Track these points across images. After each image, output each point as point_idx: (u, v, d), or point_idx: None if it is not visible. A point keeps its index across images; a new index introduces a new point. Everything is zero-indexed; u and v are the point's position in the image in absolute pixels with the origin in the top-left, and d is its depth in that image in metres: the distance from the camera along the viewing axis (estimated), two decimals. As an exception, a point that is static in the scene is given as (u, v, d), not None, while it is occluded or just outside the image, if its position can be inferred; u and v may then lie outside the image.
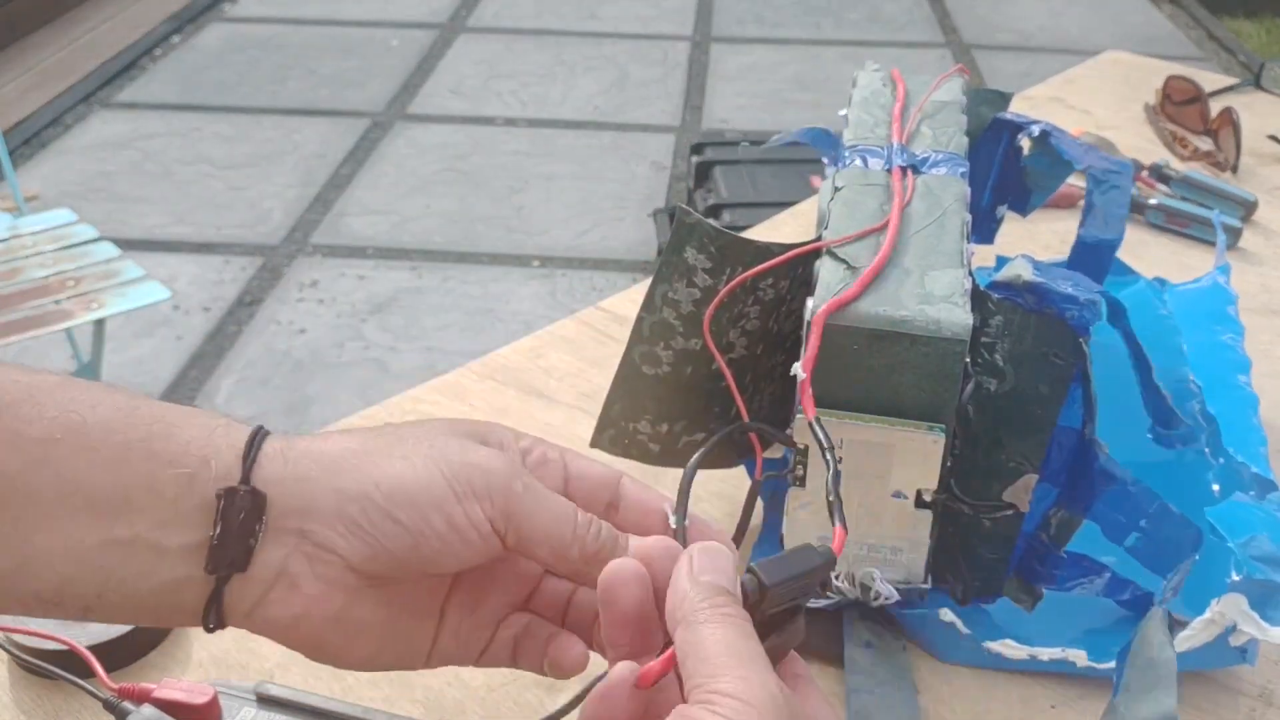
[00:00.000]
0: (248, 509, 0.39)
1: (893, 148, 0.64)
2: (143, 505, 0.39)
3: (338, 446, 0.41)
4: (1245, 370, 0.69)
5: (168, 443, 0.39)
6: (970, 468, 0.56)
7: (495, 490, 0.41)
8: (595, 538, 0.42)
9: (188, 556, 0.39)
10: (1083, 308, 0.53)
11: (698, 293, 0.57)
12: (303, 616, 0.40)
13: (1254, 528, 0.56)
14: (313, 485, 0.40)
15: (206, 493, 0.39)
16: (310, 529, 0.40)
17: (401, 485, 0.40)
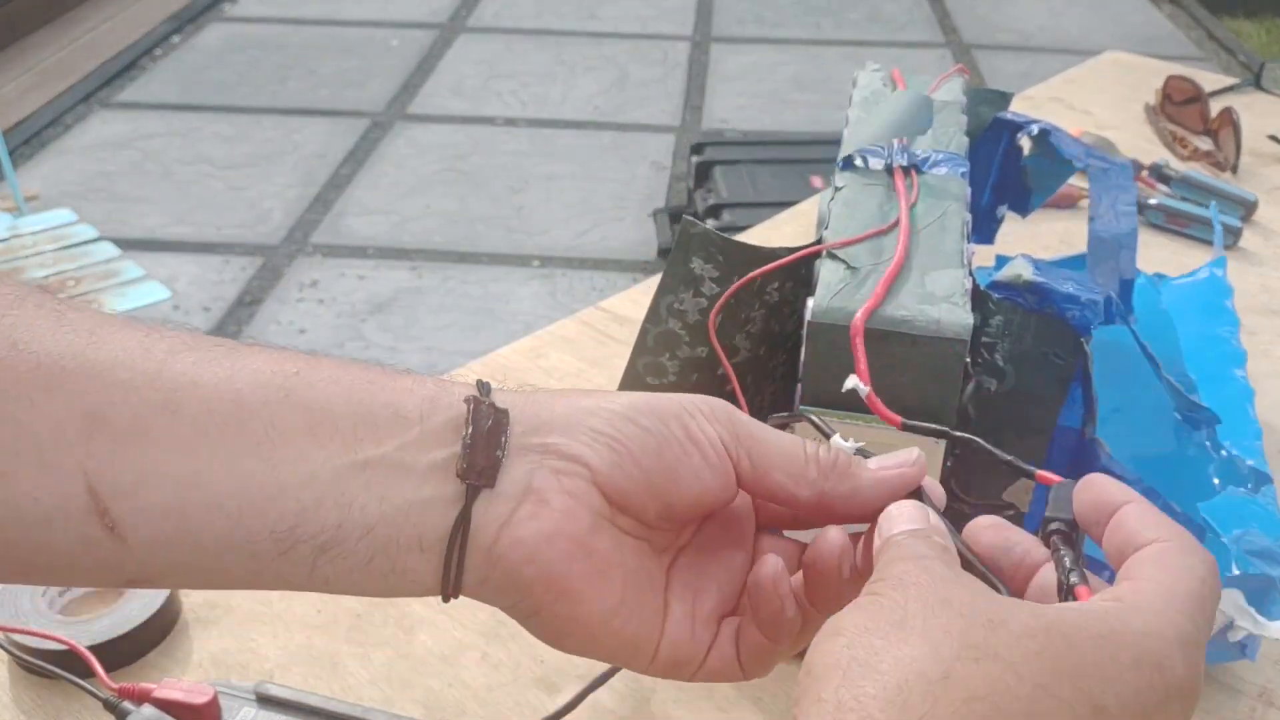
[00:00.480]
0: (493, 420, 0.38)
1: (893, 148, 0.64)
2: (389, 427, 0.38)
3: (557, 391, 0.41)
4: (1241, 363, 0.69)
5: (404, 377, 0.39)
6: (971, 468, 0.56)
7: (723, 417, 0.40)
8: (830, 456, 0.41)
9: (434, 474, 0.38)
10: (1083, 308, 0.53)
11: (705, 302, 0.57)
12: (553, 535, 0.38)
13: (1248, 522, 0.56)
14: (552, 405, 0.40)
15: (452, 410, 0.38)
16: (554, 442, 0.39)
17: (640, 400, 0.40)
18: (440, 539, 0.38)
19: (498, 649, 0.59)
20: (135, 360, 0.36)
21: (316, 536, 0.37)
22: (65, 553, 0.35)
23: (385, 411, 0.38)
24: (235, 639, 0.59)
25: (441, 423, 0.38)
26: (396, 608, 0.61)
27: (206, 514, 0.36)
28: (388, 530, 0.37)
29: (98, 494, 0.35)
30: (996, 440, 0.56)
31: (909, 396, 0.52)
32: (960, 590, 0.32)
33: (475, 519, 0.38)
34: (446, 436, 0.38)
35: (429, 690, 0.57)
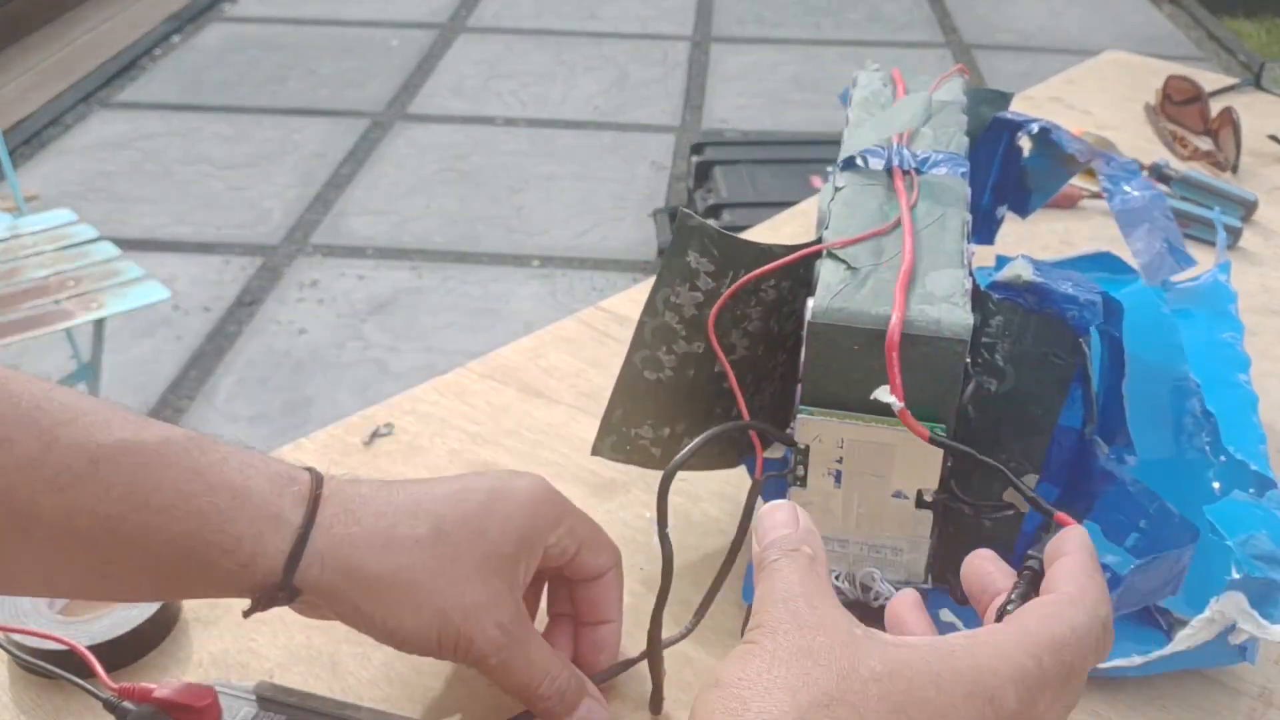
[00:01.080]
0: (284, 595, 0.47)
1: (893, 148, 0.64)
2: (200, 580, 0.46)
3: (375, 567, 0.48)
4: (1244, 368, 0.69)
5: (222, 537, 0.45)
6: (971, 468, 0.56)
7: (473, 658, 0.50)
8: (549, 705, 0.51)
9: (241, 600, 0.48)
10: (1083, 308, 0.53)
11: (700, 296, 0.57)
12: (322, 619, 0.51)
13: (1253, 525, 0.56)
14: (337, 596, 0.48)
15: (251, 583, 0.46)
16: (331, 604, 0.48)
17: (400, 630, 0.48)
18: None
19: (498, 649, 0.59)
20: None
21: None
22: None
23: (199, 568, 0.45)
24: (235, 639, 0.59)
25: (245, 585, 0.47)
26: (396, 608, 0.61)
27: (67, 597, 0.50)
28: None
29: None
30: (995, 440, 0.56)
31: (909, 396, 0.52)
32: (821, 636, 0.36)
33: None
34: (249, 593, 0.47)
35: (429, 690, 0.57)
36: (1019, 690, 0.35)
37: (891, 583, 0.56)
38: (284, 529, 0.46)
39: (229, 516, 0.45)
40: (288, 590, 0.47)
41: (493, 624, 0.49)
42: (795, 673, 0.34)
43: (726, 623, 0.59)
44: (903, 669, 0.35)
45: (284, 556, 0.46)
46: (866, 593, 0.56)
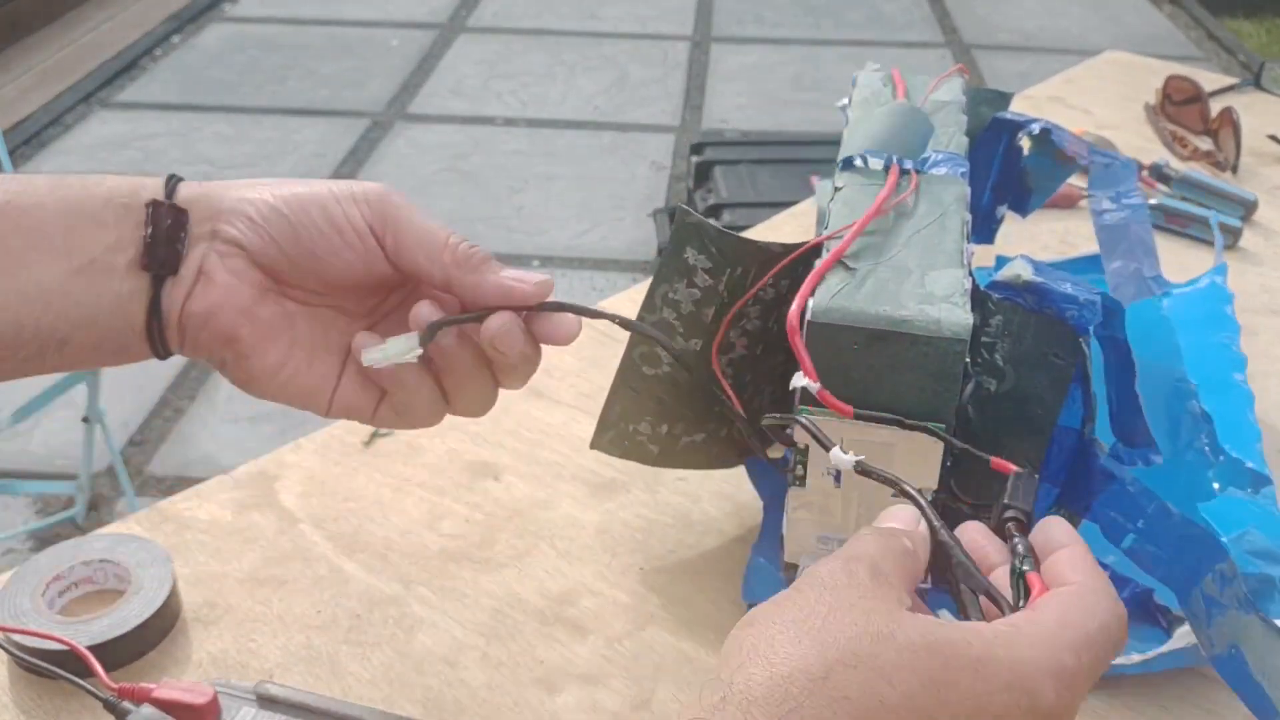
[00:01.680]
0: (172, 218, 0.48)
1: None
2: (92, 236, 0.47)
3: (250, 180, 0.50)
4: (1241, 368, 0.69)
5: (101, 187, 0.48)
6: (970, 468, 0.56)
7: (373, 199, 0.49)
8: (468, 248, 0.49)
9: (133, 271, 0.47)
10: (1082, 308, 0.53)
11: (698, 293, 0.57)
12: (219, 306, 0.48)
13: (1247, 522, 0.56)
14: (221, 196, 0.49)
15: (140, 214, 0.47)
16: (218, 228, 0.48)
17: (293, 192, 0.49)
18: (140, 325, 0.48)
19: (498, 649, 0.59)
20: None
21: (51, 334, 0.47)
22: None
23: (87, 222, 0.47)
24: (235, 639, 0.59)
25: (133, 225, 0.47)
26: (396, 607, 0.61)
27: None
28: (109, 320, 0.48)
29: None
30: (995, 440, 0.56)
31: (909, 396, 0.52)
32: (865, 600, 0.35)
33: (163, 302, 0.48)
34: (137, 237, 0.47)
35: (429, 690, 0.57)
36: (1058, 686, 0.35)
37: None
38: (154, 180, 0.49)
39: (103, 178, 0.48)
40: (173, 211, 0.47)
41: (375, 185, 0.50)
42: (831, 626, 0.34)
43: (725, 621, 0.59)
44: (942, 646, 0.34)
45: (161, 187, 0.48)
46: (866, 593, 0.56)
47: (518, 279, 0.49)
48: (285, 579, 0.63)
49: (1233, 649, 0.50)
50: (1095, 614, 0.37)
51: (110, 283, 0.47)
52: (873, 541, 0.38)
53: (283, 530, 0.66)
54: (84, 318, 0.47)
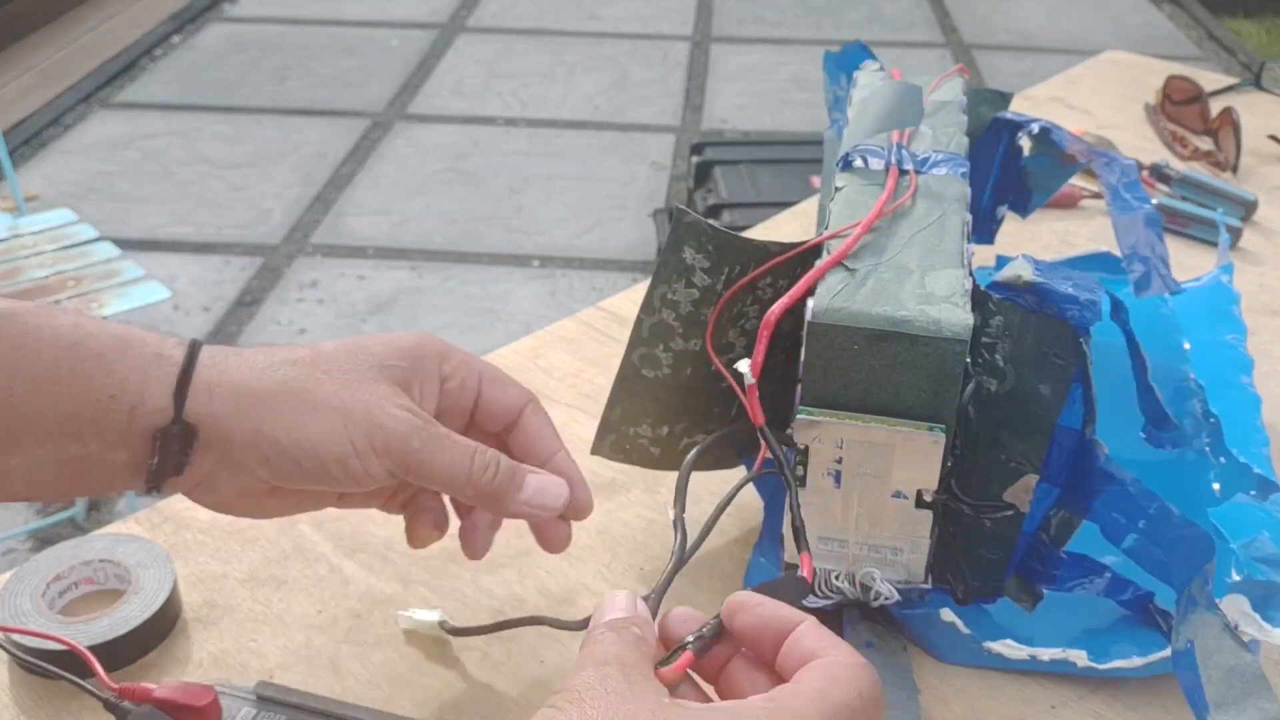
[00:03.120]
0: (180, 441, 0.46)
1: (893, 148, 0.64)
2: (90, 434, 0.45)
3: (260, 383, 0.47)
4: (1248, 371, 0.69)
5: (108, 380, 0.45)
6: (970, 468, 0.56)
7: (393, 448, 0.48)
8: (491, 479, 0.50)
9: (130, 468, 0.47)
10: (1083, 307, 0.53)
11: (696, 293, 0.57)
12: (224, 505, 0.50)
13: (1256, 528, 0.56)
14: (234, 422, 0.47)
15: (145, 426, 0.46)
16: (231, 453, 0.47)
17: (308, 439, 0.47)
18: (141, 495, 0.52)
19: (498, 649, 0.59)
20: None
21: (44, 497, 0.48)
22: None
23: (89, 420, 0.45)
24: (235, 639, 0.59)
25: (136, 433, 0.46)
26: (396, 607, 0.61)
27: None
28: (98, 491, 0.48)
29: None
30: (995, 440, 0.56)
31: (909, 396, 0.52)
32: (627, 705, 0.36)
33: (163, 489, 0.48)
34: (140, 445, 0.46)
35: (429, 690, 0.57)
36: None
37: (891, 583, 0.56)
38: (167, 365, 0.46)
39: (111, 360, 0.45)
40: (181, 432, 0.46)
41: (397, 408, 0.48)
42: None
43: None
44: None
45: (170, 389, 0.46)
46: (866, 593, 0.56)
47: (540, 506, 0.52)
48: (285, 579, 0.63)
49: (1189, 644, 0.50)
50: (854, 684, 0.38)
51: (106, 474, 0.47)
52: (613, 642, 0.40)
53: (283, 530, 0.66)
54: (73, 491, 0.48)
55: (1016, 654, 0.57)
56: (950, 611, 0.58)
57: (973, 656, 0.58)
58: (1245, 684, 0.48)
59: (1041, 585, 0.58)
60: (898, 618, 0.59)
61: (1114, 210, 0.67)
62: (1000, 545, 0.57)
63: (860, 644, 0.58)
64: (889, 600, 0.56)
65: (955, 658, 0.59)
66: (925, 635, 0.59)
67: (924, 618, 0.58)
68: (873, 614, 0.59)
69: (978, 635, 0.57)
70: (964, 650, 0.58)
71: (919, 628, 0.59)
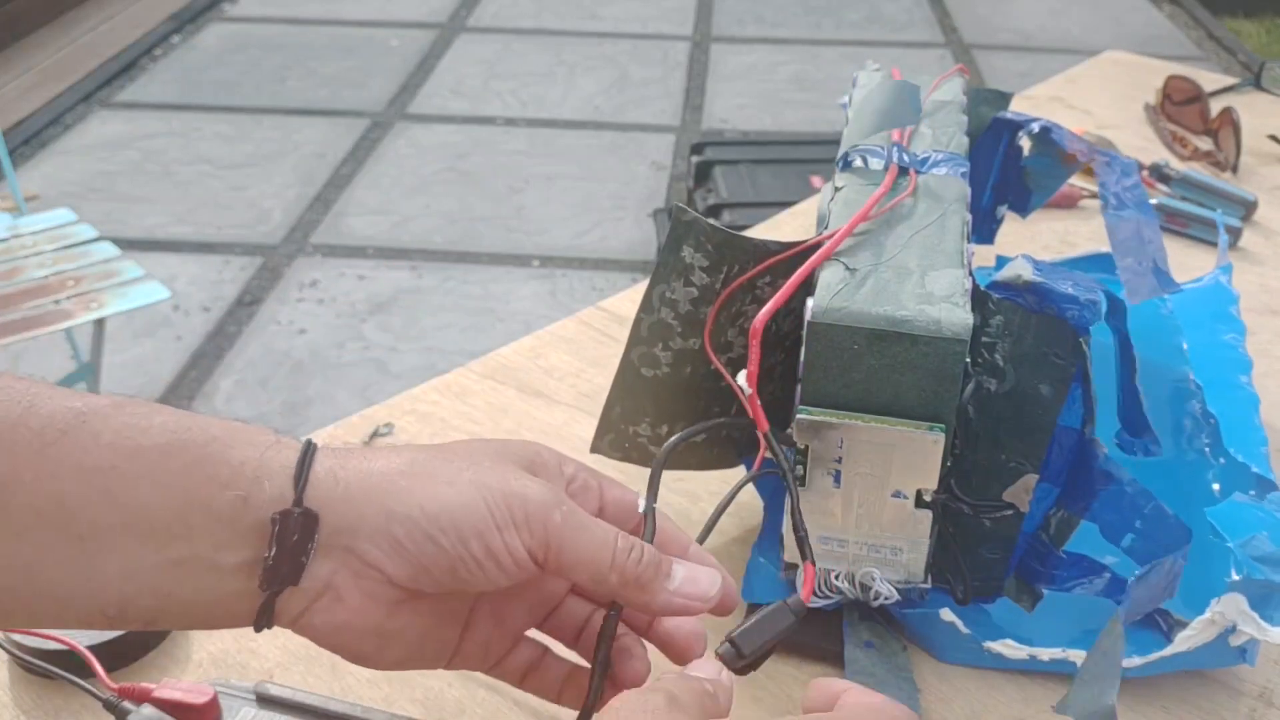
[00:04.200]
0: (300, 530, 0.41)
1: (893, 148, 0.64)
2: (199, 527, 0.40)
3: (386, 465, 0.43)
4: (1246, 370, 0.69)
5: (221, 465, 0.41)
6: (970, 468, 0.56)
7: (535, 520, 0.42)
8: (635, 563, 0.44)
9: (242, 572, 0.41)
10: (1083, 307, 0.53)
11: (695, 291, 0.57)
12: (345, 626, 0.43)
13: (1254, 528, 0.56)
14: (361, 506, 0.42)
15: (261, 515, 0.41)
16: (357, 546, 0.42)
17: (446, 509, 0.42)
18: (248, 618, 0.43)
19: (497, 649, 0.59)
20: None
21: (142, 615, 0.41)
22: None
23: (197, 509, 0.40)
24: (235, 639, 0.59)
25: (249, 526, 0.41)
26: (396, 608, 0.61)
27: (39, 599, 0.40)
28: (203, 612, 0.42)
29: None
30: (995, 440, 0.56)
31: (909, 396, 0.52)
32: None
33: (277, 608, 0.43)
34: (252, 540, 0.41)
35: (429, 690, 0.57)
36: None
37: (891, 582, 0.56)
38: (284, 450, 0.42)
39: (226, 444, 0.41)
40: (302, 517, 0.41)
41: (534, 480, 0.44)
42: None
43: (725, 621, 0.59)
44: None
45: (290, 471, 0.41)
46: (866, 592, 0.56)
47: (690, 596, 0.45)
48: (285, 579, 0.63)
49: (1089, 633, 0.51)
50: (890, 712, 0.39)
51: (213, 581, 0.41)
52: (673, 680, 0.39)
53: (283, 530, 0.66)
54: (170, 609, 0.42)
55: (1016, 654, 0.57)
56: (950, 611, 0.58)
57: (973, 656, 0.58)
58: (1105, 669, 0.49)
59: (1041, 585, 0.58)
60: (898, 617, 0.59)
61: (1108, 216, 0.68)
62: (1000, 545, 0.57)
63: (860, 644, 0.58)
64: (889, 600, 0.56)
65: (955, 657, 0.59)
66: (925, 635, 0.59)
67: (924, 617, 0.58)
68: (873, 614, 0.59)
69: (978, 635, 0.57)
70: (964, 650, 0.58)
71: (919, 627, 0.59)
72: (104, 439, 0.40)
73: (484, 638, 0.47)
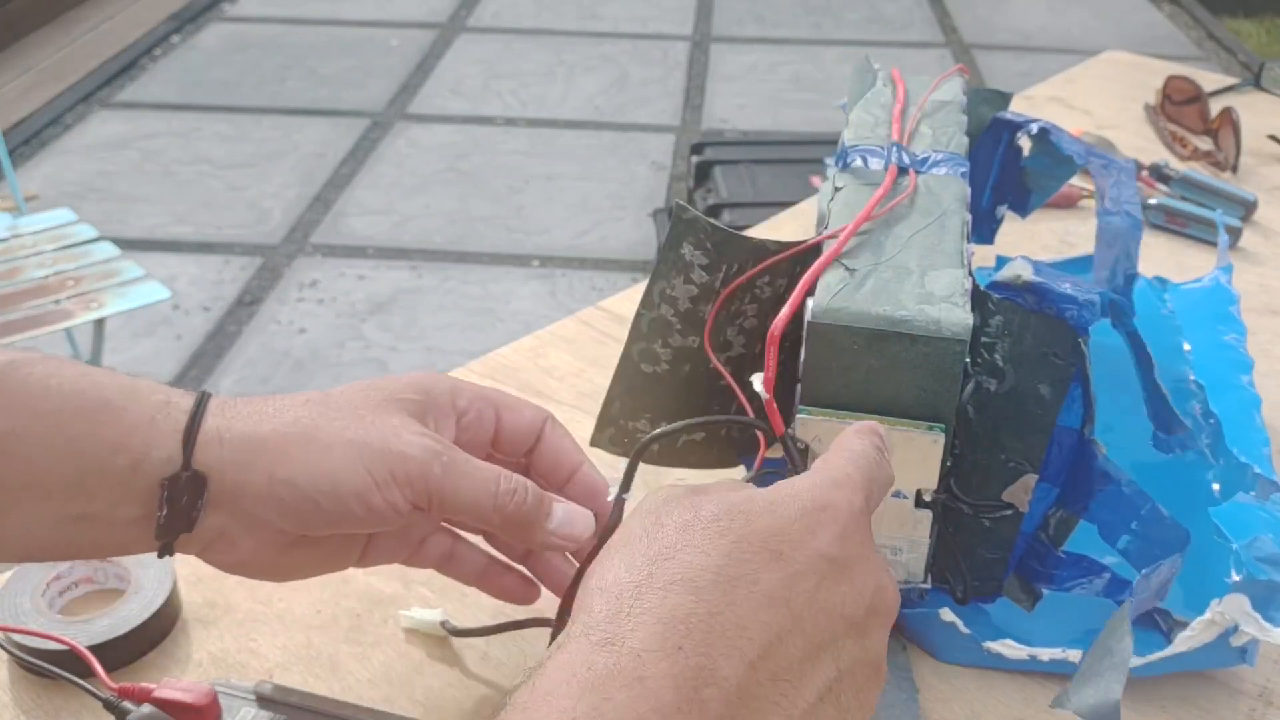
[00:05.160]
0: (189, 491, 0.44)
1: (893, 148, 0.64)
2: (95, 488, 0.44)
3: (271, 428, 0.46)
4: (1248, 370, 0.69)
5: (114, 429, 0.44)
6: (970, 468, 0.56)
7: (415, 477, 0.46)
8: (520, 505, 0.48)
9: (137, 524, 0.45)
10: (1082, 308, 0.53)
11: (695, 289, 0.57)
12: (241, 564, 0.48)
13: (1257, 528, 0.56)
14: (245, 470, 0.45)
15: (151, 478, 0.44)
16: (244, 505, 0.45)
17: (325, 474, 0.45)
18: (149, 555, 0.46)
19: (498, 649, 0.59)
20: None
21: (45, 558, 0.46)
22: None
23: (93, 472, 0.43)
24: (235, 639, 0.59)
25: (142, 488, 0.44)
26: (396, 607, 0.61)
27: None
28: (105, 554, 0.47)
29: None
30: (995, 440, 0.56)
31: (909, 396, 0.52)
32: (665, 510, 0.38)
33: (175, 547, 0.46)
34: (145, 500, 0.44)
35: (429, 690, 0.57)
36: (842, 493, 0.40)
37: (891, 583, 0.56)
38: (174, 412, 0.45)
39: (119, 408, 0.44)
40: (190, 480, 0.44)
41: (414, 435, 0.46)
42: (634, 546, 0.37)
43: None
44: (740, 504, 0.38)
45: (179, 437, 0.44)
46: (866, 593, 0.56)
47: (567, 537, 0.49)
48: (285, 579, 0.63)
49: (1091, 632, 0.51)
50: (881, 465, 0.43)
51: (111, 533, 0.45)
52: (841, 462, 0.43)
53: (283, 530, 0.66)
54: (77, 551, 0.46)
55: (1016, 654, 0.57)
56: (950, 611, 0.58)
57: (972, 656, 0.58)
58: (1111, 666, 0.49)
59: (1041, 585, 0.58)
60: (897, 617, 0.59)
61: (1101, 221, 0.68)
62: (999, 545, 0.57)
63: (860, 644, 0.58)
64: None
65: (955, 657, 0.59)
66: (925, 635, 0.59)
67: (924, 617, 0.58)
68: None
69: (977, 635, 0.57)
70: (964, 650, 0.58)
71: (919, 627, 0.59)
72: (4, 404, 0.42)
73: (389, 545, 0.51)
